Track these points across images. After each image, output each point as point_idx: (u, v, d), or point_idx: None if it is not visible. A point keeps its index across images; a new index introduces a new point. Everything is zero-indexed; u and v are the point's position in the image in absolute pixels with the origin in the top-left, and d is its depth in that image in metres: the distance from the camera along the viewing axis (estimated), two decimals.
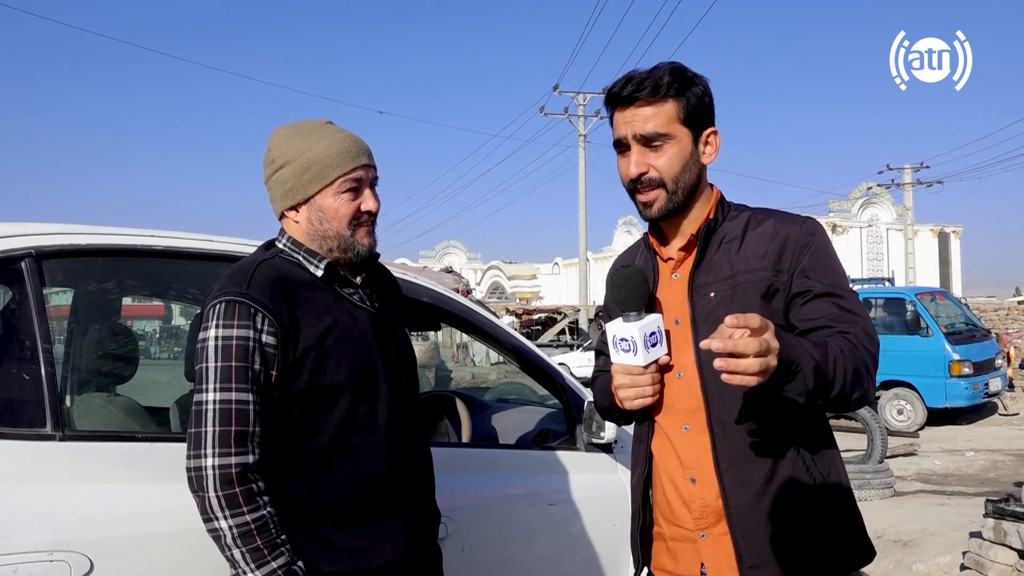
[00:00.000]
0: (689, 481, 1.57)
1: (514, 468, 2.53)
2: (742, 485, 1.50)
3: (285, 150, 1.61)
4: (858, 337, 1.45)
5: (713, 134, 1.61)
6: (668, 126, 1.55)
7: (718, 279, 1.55)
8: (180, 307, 9.32)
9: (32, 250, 1.82)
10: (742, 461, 1.51)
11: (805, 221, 1.59)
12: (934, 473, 8.67)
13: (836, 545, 1.54)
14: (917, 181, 32.45)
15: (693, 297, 1.56)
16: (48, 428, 1.70)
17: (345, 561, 1.55)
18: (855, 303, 1.51)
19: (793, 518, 1.50)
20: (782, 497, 1.50)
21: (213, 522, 1.43)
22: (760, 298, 1.52)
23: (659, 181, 1.56)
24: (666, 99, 1.54)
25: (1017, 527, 4.10)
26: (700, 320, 1.55)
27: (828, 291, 1.50)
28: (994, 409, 13.25)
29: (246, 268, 1.57)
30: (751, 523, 1.50)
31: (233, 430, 1.45)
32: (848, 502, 1.58)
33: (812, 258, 1.53)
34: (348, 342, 1.59)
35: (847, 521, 1.57)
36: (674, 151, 1.55)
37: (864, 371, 1.43)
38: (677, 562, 1.62)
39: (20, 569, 1.55)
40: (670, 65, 1.57)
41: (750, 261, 1.54)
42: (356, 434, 1.58)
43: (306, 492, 1.55)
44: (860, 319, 1.49)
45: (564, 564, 2.51)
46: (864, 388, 1.44)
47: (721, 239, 1.59)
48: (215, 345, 1.48)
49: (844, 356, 1.39)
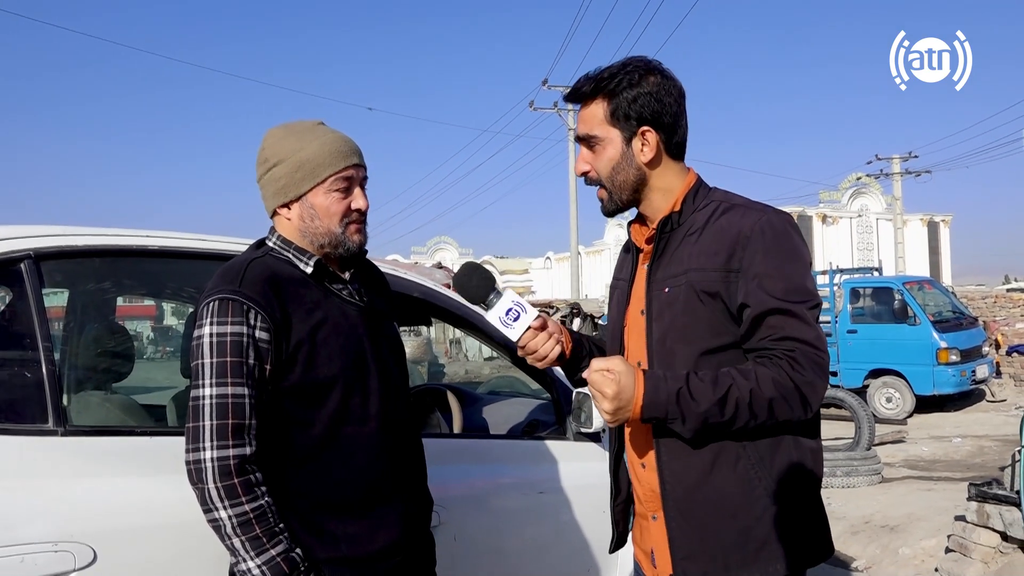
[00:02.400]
0: (641, 466, 1.65)
1: (505, 458, 2.58)
2: (679, 477, 1.54)
3: (278, 149, 1.67)
4: (794, 362, 1.44)
5: (648, 132, 1.58)
6: (598, 127, 1.59)
7: (674, 275, 1.56)
8: (171, 307, 9.35)
9: (31, 252, 1.86)
10: (682, 455, 1.53)
11: (765, 215, 1.53)
12: (921, 459, 8.78)
13: (781, 544, 1.51)
14: (906, 171, 32.58)
15: (650, 291, 1.60)
16: (50, 424, 1.75)
17: (341, 548, 1.60)
18: (801, 317, 1.47)
19: (730, 514, 1.51)
20: (720, 493, 1.51)
21: (213, 512, 1.49)
22: (709, 297, 1.51)
23: (597, 180, 1.62)
24: (596, 100, 1.59)
25: (1000, 510, 4.18)
26: (654, 314, 1.59)
27: (774, 308, 1.46)
28: (982, 396, 13.40)
29: (238, 266, 1.62)
30: (686, 515, 1.54)
31: (230, 423, 1.50)
32: (800, 501, 1.54)
33: (764, 261, 1.48)
34: (339, 336, 1.64)
35: (796, 519, 1.53)
36: (606, 152, 1.60)
37: (792, 399, 1.44)
38: (643, 539, 1.72)
39: (27, 560, 1.60)
40: (621, 63, 1.59)
41: (702, 259, 1.53)
42: (349, 425, 1.63)
43: (302, 482, 1.61)
44: (800, 342, 1.46)
45: (554, 551, 2.56)
46: (791, 414, 1.46)
47: (686, 232, 1.58)
48: (210, 342, 1.53)
49: (756, 393, 1.42)
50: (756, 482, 1.51)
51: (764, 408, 1.44)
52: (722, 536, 1.52)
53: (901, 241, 33.88)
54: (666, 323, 1.56)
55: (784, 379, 1.44)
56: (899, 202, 33.94)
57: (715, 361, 1.51)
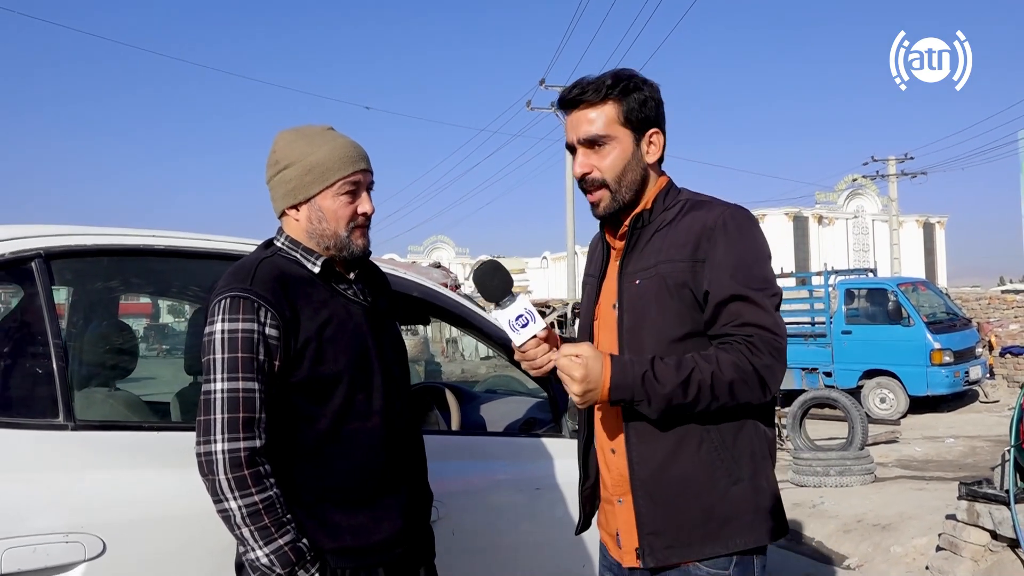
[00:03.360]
0: (611, 452, 1.72)
1: (502, 455, 2.64)
2: (647, 459, 1.63)
3: (289, 152, 1.72)
4: (753, 347, 1.54)
5: (656, 134, 1.70)
6: (609, 128, 1.66)
7: (644, 267, 1.66)
8: (167, 305, 9.39)
9: (41, 251, 1.91)
10: (649, 438, 1.62)
11: (728, 209, 1.64)
12: (914, 459, 8.84)
13: (741, 521, 1.61)
14: (902, 172, 32.66)
15: (622, 284, 1.69)
16: (60, 418, 1.80)
17: (346, 538, 1.66)
18: (760, 304, 1.56)
19: (690, 492, 1.60)
20: (685, 474, 1.61)
21: (223, 503, 1.54)
22: (677, 287, 1.61)
23: (602, 181, 1.68)
24: (606, 102, 1.65)
25: (989, 509, 4.23)
26: (625, 306, 1.67)
27: (735, 295, 1.56)
28: (975, 397, 13.47)
29: (248, 266, 1.68)
30: (653, 496, 1.62)
31: (241, 416, 1.55)
32: (758, 483, 1.64)
33: (723, 252, 1.58)
34: (344, 334, 1.70)
35: (750, 503, 1.62)
36: (616, 152, 1.67)
37: (751, 382, 1.54)
38: (608, 522, 1.79)
39: (39, 550, 1.65)
40: (616, 71, 1.68)
41: (671, 251, 1.63)
42: (353, 420, 1.69)
43: (308, 475, 1.66)
44: (761, 324, 1.55)
45: (550, 545, 2.61)
46: (751, 396, 1.56)
47: (655, 228, 1.68)
48: (222, 338, 1.58)
49: (717, 376, 1.52)
50: (719, 464, 1.61)
51: (725, 390, 1.53)
52: (686, 514, 1.61)
53: (897, 242, 33.98)
54: (637, 314, 1.65)
55: (744, 363, 1.53)
56: (895, 203, 34.04)
57: (682, 348, 1.60)
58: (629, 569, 1.71)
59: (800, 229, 44.87)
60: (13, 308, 2.09)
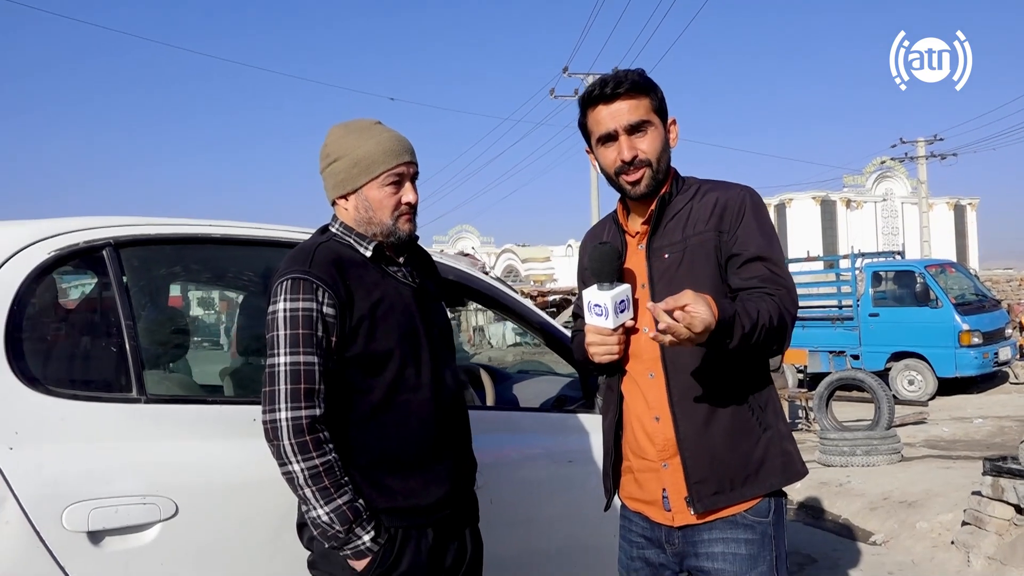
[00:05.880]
0: (654, 420, 1.85)
1: (535, 429, 2.76)
2: (690, 418, 1.80)
3: (338, 146, 1.87)
4: (782, 299, 1.75)
5: (673, 124, 1.93)
6: (648, 115, 1.85)
7: (671, 243, 1.84)
8: (197, 298, 9.62)
9: (111, 240, 2.07)
10: (690, 399, 1.81)
11: (746, 190, 1.88)
12: (941, 439, 8.87)
13: (767, 465, 1.83)
14: (931, 154, 32.21)
15: (651, 260, 1.85)
16: (134, 393, 1.97)
17: (399, 499, 1.81)
18: (781, 267, 1.81)
19: (731, 444, 1.80)
20: (722, 428, 1.80)
21: (287, 466, 1.69)
22: (707, 256, 1.81)
23: (647, 161, 1.84)
24: (642, 94, 1.84)
25: (1014, 483, 4.30)
26: (656, 279, 1.83)
27: (758, 255, 1.79)
28: (1005, 378, 13.39)
29: (307, 250, 1.83)
30: (697, 448, 1.80)
31: (303, 387, 1.70)
32: (780, 432, 1.86)
33: (747, 222, 1.82)
34: (395, 313, 1.84)
35: (777, 447, 1.85)
36: (655, 135, 1.85)
37: (782, 328, 1.74)
38: (643, 490, 1.90)
39: (120, 511, 1.82)
40: (626, 72, 1.86)
41: (697, 226, 1.83)
42: (404, 392, 1.83)
43: (363, 442, 1.81)
44: (784, 282, 1.79)
45: (582, 515, 2.72)
46: (780, 341, 1.76)
47: (675, 211, 1.87)
48: (284, 316, 1.73)
49: (771, 319, 1.70)
50: (752, 419, 1.83)
51: (773, 333, 1.71)
52: (729, 463, 1.80)
53: (927, 225, 33.56)
54: (670, 281, 1.80)
55: (782, 311, 1.74)
56: (924, 186, 33.60)
57: None
58: (679, 528, 1.84)
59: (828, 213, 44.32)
60: (88, 294, 2.26)
